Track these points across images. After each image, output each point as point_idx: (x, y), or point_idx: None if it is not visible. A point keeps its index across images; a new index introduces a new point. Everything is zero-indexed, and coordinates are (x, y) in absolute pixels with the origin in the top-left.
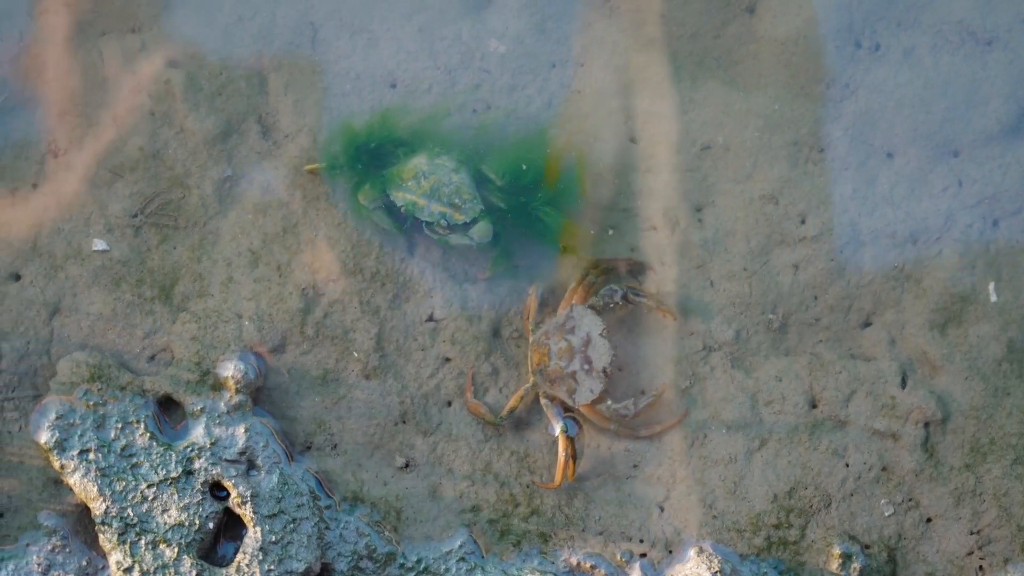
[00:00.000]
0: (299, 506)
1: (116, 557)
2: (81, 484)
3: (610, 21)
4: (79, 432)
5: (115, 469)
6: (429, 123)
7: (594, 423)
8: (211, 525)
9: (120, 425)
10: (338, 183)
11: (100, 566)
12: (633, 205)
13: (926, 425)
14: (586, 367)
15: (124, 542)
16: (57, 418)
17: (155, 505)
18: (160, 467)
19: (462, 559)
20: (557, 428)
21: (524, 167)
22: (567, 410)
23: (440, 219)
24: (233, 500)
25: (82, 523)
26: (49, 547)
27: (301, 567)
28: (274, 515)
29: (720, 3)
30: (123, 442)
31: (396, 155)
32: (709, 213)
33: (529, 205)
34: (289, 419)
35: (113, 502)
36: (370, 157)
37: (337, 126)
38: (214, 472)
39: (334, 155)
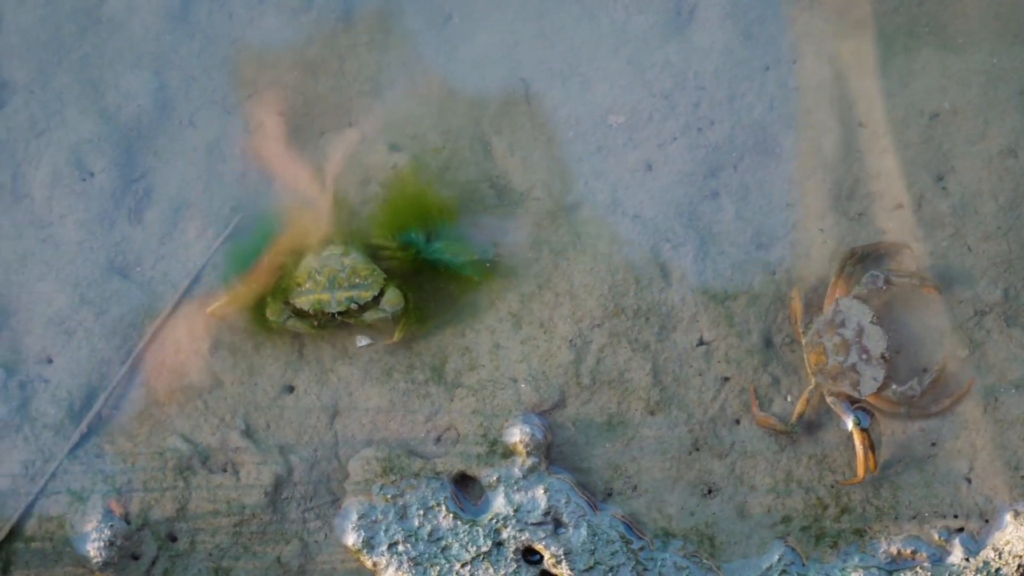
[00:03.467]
0: (613, 553)
1: None
2: None
3: (813, 12)
4: (384, 527)
5: (426, 556)
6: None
7: (884, 410)
8: None
9: (422, 512)
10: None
11: None
12: (875, 188)
13: None
14: (864, 357)
15: None
16: (359, 518)
17: None
18: (470, 544)
19: (784, 571)
20: (849, 423)
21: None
22: (855, 403)
23: (350, 304)
24: (548, 561)
25: None
26: None
27: None
28: (591, 568)
29: None
30: (428, 528)
31: (285, 267)
32: (951, 180)
33: (427, 251)
34: (584, 470)
35: None
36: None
37: (229, 262)
38: (523, 538)
39: (233, 287)
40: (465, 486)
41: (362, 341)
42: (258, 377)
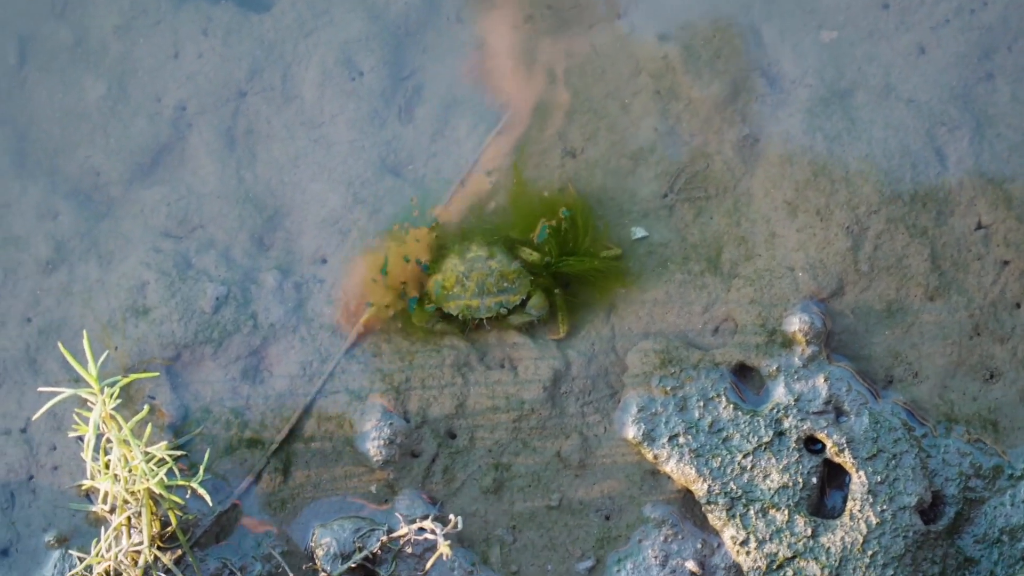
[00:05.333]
0: (896, 441)
1: (729, 532)
2: (678, 469)
3: None
4: (664, 419)
5: (707, 447)
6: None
7: None
8: (814, 480)
9: (702, 403)
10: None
11: (715, 544)
12: None
13: None
14: None
15: (734, 516)
16: (639, 411)
17: (755, 473)
18: (751, 435)
19: None
20: None
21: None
22: None
23: (499, 309)
24: (830, 450)
25: (687, 507)
26: (662, 538)
27: (912, 500)
28: (874, 455)
29: None
30: (709, 419)
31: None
32: None
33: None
34: (864, 358)
35: (714, 480)
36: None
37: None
38: (804, 427)
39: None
40: (744, 376)
41: (637, 233)
42: None
